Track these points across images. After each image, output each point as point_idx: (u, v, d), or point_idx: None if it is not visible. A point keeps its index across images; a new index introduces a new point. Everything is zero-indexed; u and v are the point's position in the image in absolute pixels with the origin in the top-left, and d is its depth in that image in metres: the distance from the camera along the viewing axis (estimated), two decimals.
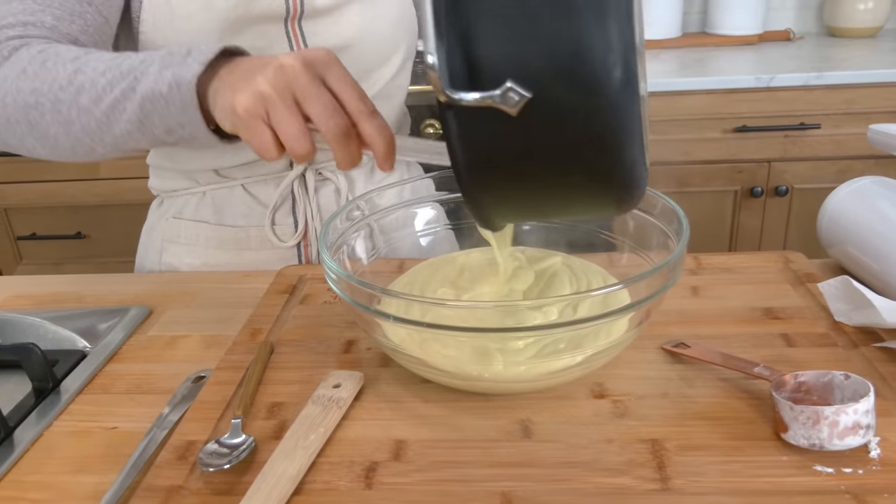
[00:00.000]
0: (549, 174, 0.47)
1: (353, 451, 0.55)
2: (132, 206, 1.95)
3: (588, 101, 0.43)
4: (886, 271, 0.69)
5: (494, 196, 0.49)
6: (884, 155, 1.78)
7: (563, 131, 0.44)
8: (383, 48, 0.89)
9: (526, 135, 0.45)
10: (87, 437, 0.62)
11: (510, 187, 0.48)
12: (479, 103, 0.43)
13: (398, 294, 0.55)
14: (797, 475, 0.51)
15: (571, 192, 0.48)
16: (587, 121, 0.43)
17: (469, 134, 0.45)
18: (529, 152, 0.46)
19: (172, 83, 0.60)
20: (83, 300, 0.86)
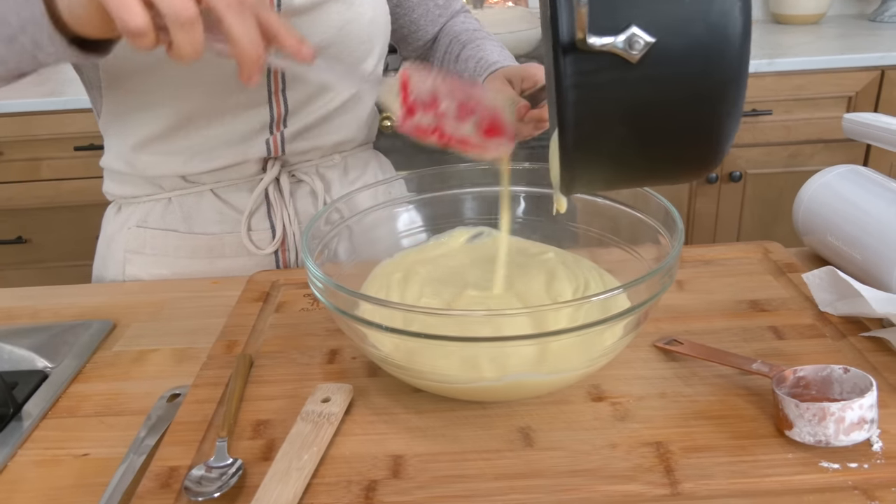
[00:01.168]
0: (657, 132, 0.46)
1: (350, 469, 0.53)
2: (76, 208, 1.87)
3: (712, 47, 0.43)
4: (869, 260, 0.69)
5: (596, 159, 0.47)
6: (831, 139, 1.82)
7: (681, 81, 0.44)
8: (360, 48, 0.86)
9: (643, 84, 0.44)
10: (55, 466, 0.58)
11: (614, 147, 0.47)
12: (604, 48, 0.42)
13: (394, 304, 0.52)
14: (804, 473, 0.50)
15: (672, 155, 0.48)
16: (707, 69, 0.43)
17: (585, 84, 0.44)
18: (643, 106, 0.45)
19: None
20: (38, 315, 0.80)
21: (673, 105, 0.45)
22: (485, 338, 0.52)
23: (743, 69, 0.44)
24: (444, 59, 0.97)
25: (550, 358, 0.55)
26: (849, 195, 0.75)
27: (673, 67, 0.43)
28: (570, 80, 0.44)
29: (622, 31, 0.42)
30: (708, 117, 0.45)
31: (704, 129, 0.46)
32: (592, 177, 0.51)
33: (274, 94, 0.83)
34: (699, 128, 0.46)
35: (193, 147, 0.84)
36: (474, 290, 0.65)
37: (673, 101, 0.44)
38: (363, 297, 0.54)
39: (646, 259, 0.66)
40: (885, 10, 2.12)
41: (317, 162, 0.91)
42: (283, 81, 0.82)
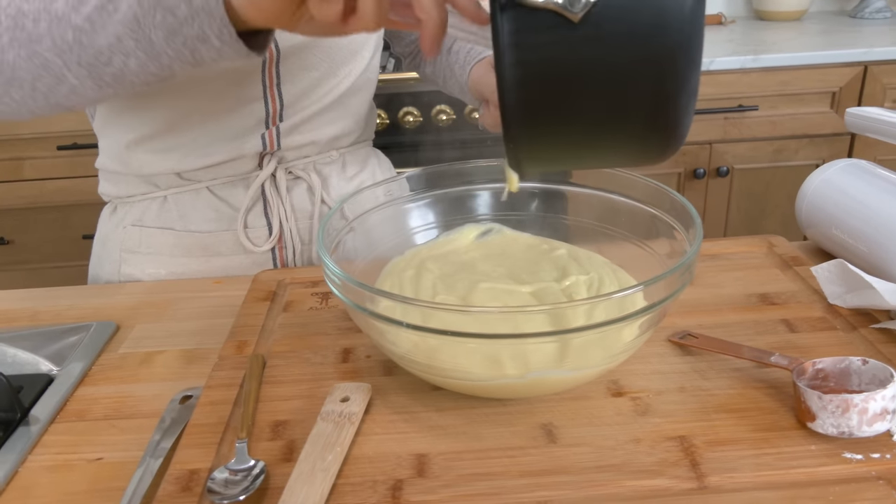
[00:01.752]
0: (602, 99, 0.42)
1: (374, 469, 0.52)
2: (60, 208, 1.84)
3: (658, 7, 0.40)
4: (875, 252, 0.70)
5: (538, 124, 0.44)
6: (816, 134, 1.85)
7: (625, 46, 0.41)
8: (353, 41, 0.85)
9: (585, 46, 0.41)
10: (68, 471, 0.57)
11: (557, 112, 0.43)
12: (544, 5, 0.40)
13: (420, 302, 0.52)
14: (828, 464, 0.51)
15: (620, 125, 0.44)
16: (655, 35, 0.40)
17: (524, 44, 0.41)
18: (586, 69, 0.41)
19: None
20: (38, 317, 0.79)
21: (618, 71, 0.41)
22: (508, 335, 0.52)
23: (694, 34, 0.40)
24: None
25: (572, 354, 0.54)
26: (853, 189, 0.75)
27: (617, 27, 0.40)
28: (508, 38, 0.41)
29: None
30: (657, 87, 0.42)
31: (653, 100, 0.42)
32: (538, 150, 0.47)
33: (269, 89, 0.82)
34: (648, 99, 0.42)
35: (189, 143, 0.83)
36: (488, 284, 0.65)
37: (618, 67, 0.41)
38: (386, 295, 0.53)
39: (658, 254, 0.66)
40: (865, 6, 2.15)
41: (314, 158, 0.90)
42: (277, 76, 0.81)
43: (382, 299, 0.54)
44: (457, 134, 1.78)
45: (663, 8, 0.40)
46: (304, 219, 0.90)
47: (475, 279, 0.65)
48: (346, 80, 0.86)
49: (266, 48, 0.57)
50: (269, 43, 0.57)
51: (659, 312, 0.54)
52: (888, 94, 1.82)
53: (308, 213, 0.89)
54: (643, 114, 0.43)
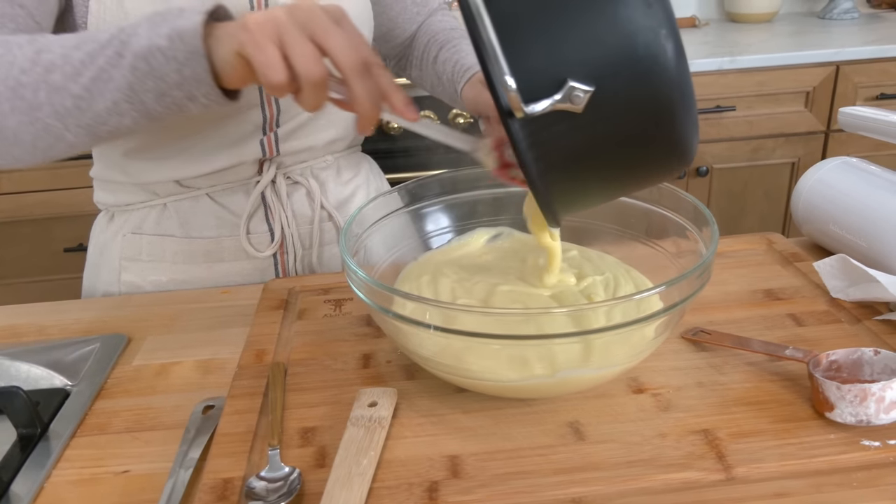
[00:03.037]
0: (617, 158, 0.48)
1: (408, 472, 0.53)
2: (38, 222, 1.81)
3: (650, 78, 0.44)
4: (874, 247, 0.72)
5: (566, 192, 0.50)
6: (791, 133, 1.89)
7: (628, 113, 0.46)
8: None
9: (593, 127, 0.46)
10: (95, 484, 0.56)
11: (581, 180, 0.49)
12: (548, 109, 0.44)
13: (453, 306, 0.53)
14: (849, 451, 0.52)
15: (637, 168, 0.50)
16: (651, 97, 0.45)
17: (540, 142, 0.46)
18: (598, 142, 0.47)
19: (173, 35, 0.56)
20: (45, 332, 0.78)
21: (629, 135, 0.47)
22: (538, 335, 0.53)
23: (685, 86, 0.45)
24: (422, 59, 0.98)
25: (596, 354, 0.56)
26: (848, 186, 0.78)
27: (619, 104, 0.45)
28: (524, 143, 0.46)
29: (560, 89, 0.44)
30: (665, 136, 0.47)
31: (664, 146, 0.48)
32: (572, 208, 0.54)
33: (266, 95, 0.82)
34: (659, 146, 0.48)
35: (188, 151, 0.83)
36: (507, 287, 0.66)
37: (628, 132, 0.47)
38: (415, 298, 0.54)
39: (668, 253, 0.68)
40: (833, 7, 2.21)
41: (311, 163, 0.90)
42: None
43: (408, 302, 0.55)
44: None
45: (654, 76, 0.44)
46: (305, 224, 0.90)
47: (493, 282, 0.66)
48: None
49: (240, 96, 0.63)
50: (242, 92, 0.64)
51: (679, 311, 0.56)
52: (860, 93, 1.87)
53: (308, 218, 0.90)
54: (658, 158, 0.50)
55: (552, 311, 0.56)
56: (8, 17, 0.66)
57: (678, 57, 0.44)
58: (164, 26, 0.57)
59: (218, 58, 0.57)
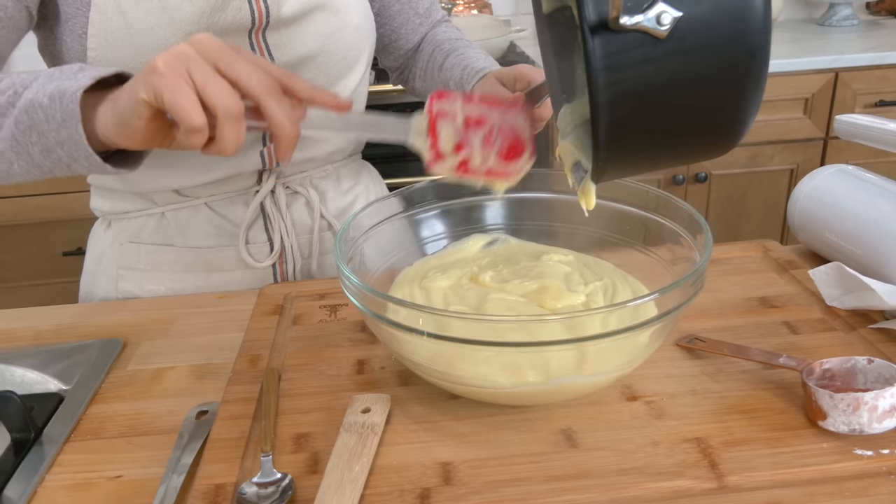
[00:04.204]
0: (690, 106, 0.46)
1: (401, 478, 0.53)
2: (38, 226, 1.81)
3: (736, 14, 0.43)
4: (870, 255, 0.72)
5: (630, 140, 0.47)
6: (790, 140, 1.89)
7: (710, 54, 0.43)
8: (348, 56, 0.86)
9: (671, 59, 0.43)
10: (89, 489, 0.56)
11: (649, 126, 0.46)
12: (635, 27, 0.42)
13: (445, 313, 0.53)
14: (841, 461, 0.52)
15: (705, 127, 0.47)
16: (736, 40, 0.43)
17: (616, 65, 0.43)
18: (674, 81, 0.44)
19: (55, 94, 0.56)
20: (40, 336, 0.78)
21: (705, 78, 0.44)
22: (531, 342, 0.53)
23: (767, 33, 0.44)
24: (427, 68, 0.98)
25: (590, 361, 0.56)
26: (844, 194, 0.78)
27: (700, 38, 0.43)
28: (601, 62, 0.43)
29: (650, 8, 0.42)
30: (735, 87, 0.45)
31: (732, 100, 0.46)
32: (625, 161, 0.50)
33: None
34: (727, 100, 0.46)
35: (187, 161, 0.83)
36: (499, 295, 0.66)
37: (704, 74, 0.44)
38: (408, 305, 0.54)
39: (664, 260, 0.68)
40: (833, 14, 2.21)
41: (310, 173, 0.90)
42: None
43: (402, 309, 0.55)
44: None
45: (741, 15, 0.43)
46: (304, 233, 0.90)
47: (486, 290, 0.66)
48: (342, 94, 0.86)
49: (141, 162, 0.63)
50: (144, 157, 0.63)
51: (673, 318, 0.56)
52: (858, 100, 1.87)
53: (307, 227, 0.90)
54: (727, 114, 0.46)
55: (545, 318, 0.56)
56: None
57: (766, 8, 0.43)
58: (53, 84, 0.57)
59: (107, 119, 0.56)
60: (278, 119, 0.54)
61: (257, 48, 0.78)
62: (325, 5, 0.80)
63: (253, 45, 0.77)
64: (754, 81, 0.45)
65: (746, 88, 0.45)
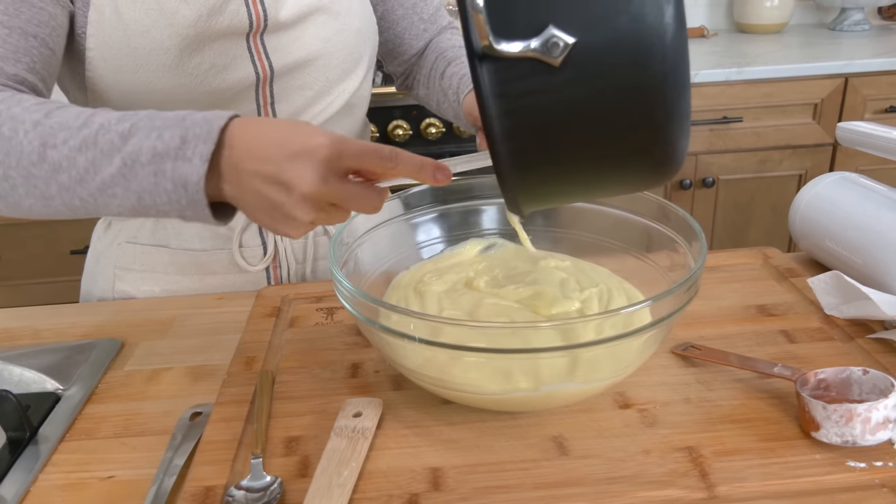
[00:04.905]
0: (593, 136, 0.42)
1: (389, 483, 0.53)
2: (46, 224, 1.82)
3: (639, 42, 0.39)
4: (869, 264, 0.72)
5: (531, 169, 0.44)
6: (799, 145, 1.88)
7: (610, 83, 0.40)
8: (348, 60, 0.85)
9: (570, 88, 0.40)
10: (81, 489, 0.57)
11: (549, 156, 0.43)
12: (522, 54, 0.40)
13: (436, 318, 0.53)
14: (834, 472, 0.52)
15: (615, 158, 0.44)
16: (637, 69, 0.40)
17: (509, 94, 0.41)
18: (573, 111, 0.41)
19: (178, 182, 0.53)
20: (40, 335, 0.79)
21: (606, 108, 0.41)
22: (522, 349, 0.53)
23: (679, 61, 0.40)
24: (430, 75, 0.98)
25: (582, 368, 0.55)
26: (845, 202, 0.77)
27: (600, 67, 0.40)
28: (490, 89, 0.40)
29: (538, 34, 0.39)
30: (647, 117, 0.41)
31: (646, 130, 0.42)
32: (535, 193, 0.47)
33: (263, 108, 0.82)
34: (640, 130, 0.42)
35: None
36: (493, 300, 0.66)
37: (605, 104, 0.41)
38: (399, 310, 0.54)
39: (660, 266, 0.67)
40: (844, 19, 2.19)
41: None
42: (272, 95, 0.82)
43: (393, 314, 0.55)
44: (446, 147, 1.80)
45: (643, 42, 0.39)
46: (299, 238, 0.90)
47: (480, 295, 0.66)
48: (340, 99, 0.86)
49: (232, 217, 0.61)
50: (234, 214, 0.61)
51: (667, 325, 0.56)
52: (868, 106, 1.86)
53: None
54: (637, 145, 0.43)
55: (538, 324, 0.56)
56: (22, 51, 0.65)
57: (677, 26, 0.39)
58: (168, 164, 0.53)
59: (231, 197, 0.55)
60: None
61: (255, 52, 0.78)
62: (325, 8, 0.80)
63: (251, 48, 0.77)
64: (668, 111, 0.41)
65: (658, 119, 0.42)
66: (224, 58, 0.76)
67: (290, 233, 0.54)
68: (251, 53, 0.78)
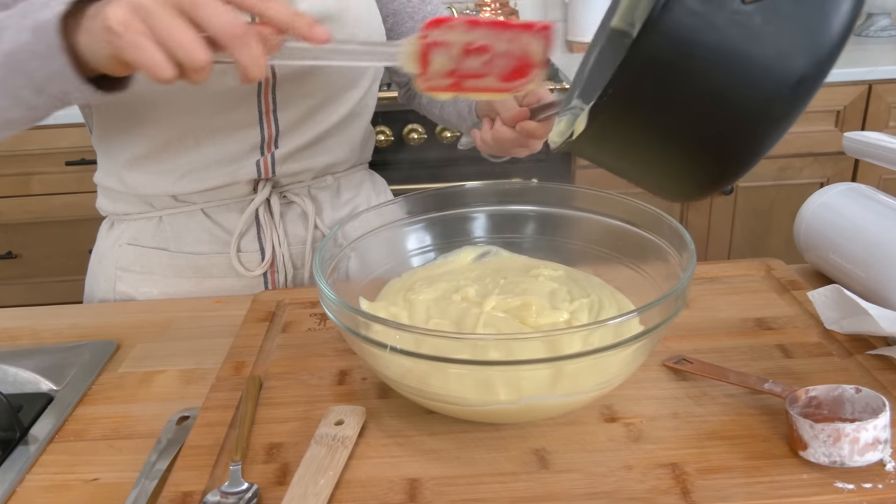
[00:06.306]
0: (720, 92, 0.43)
1: (366, 493, 0.53)
2: (66, 223, 1.85)
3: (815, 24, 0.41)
4: (872, 278, 0.70)
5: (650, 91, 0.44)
6: (820, 153, 1.84)
7: (774, 43, 0.42)
8: (353, 70, 0.86)
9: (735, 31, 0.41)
10: (65, 491, 0.57)
11: (673, 90, 0.43)
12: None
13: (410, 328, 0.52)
14: (820, 493, 0.51)
15: (714, 128, 0.45)
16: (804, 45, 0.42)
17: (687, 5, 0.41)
18: (725, 54, 0.42)
19: (35, 28, 0.54)
20: (39, 336, 0.80)
21: (749, 69, 0.42)
22: (499, 361, 0.52)
23: (821, 74, 0.43)
24: None
25: (566, 380, 0.55)
26: (850, 213, 0.75)
27: (776, 26, 0.41)
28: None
29: None
30: (768, 103, 0.43)
31: (754, 116, 0.44)
32: (618, 124, 0.46)
33: (265, 115, 0.82)
34: (751, 114, 0.44)
35: (184, 167, 0.84)
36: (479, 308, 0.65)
37: (753, 64, 0.42)
38: (379, 321, 0.53)
39: (653, 277, 0.66)
40: (871, 24, 2.15)
41: (309, 183, 0.90)
42: (274, 102, 0.82)
43: (373, 323, 0.55)
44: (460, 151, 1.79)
45: (818, 26, 0.41)
46: (297, 244, 0.90)
47: (468, 304, 0.66)
48: (344, 108, 0.87)
49: (129, 85, 0.59)
50: (131, 80, 0.59)
51: (652, 338, 0.55)
52: (893, 114, 1.82)
53: (301, 238, 0.90)
54: (734, 130, 0.45)
55: (519, 336, 0.55)
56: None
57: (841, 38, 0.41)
58: (29, 19, 0.54)
59: (93, 43, 0.53)
60: (243, 64, 0.50)
61: None
62: (333, 18, 0.81)
63: None
64: (787, 106, 0.44)
65: (774, 113, 0.44)
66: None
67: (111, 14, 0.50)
68: None
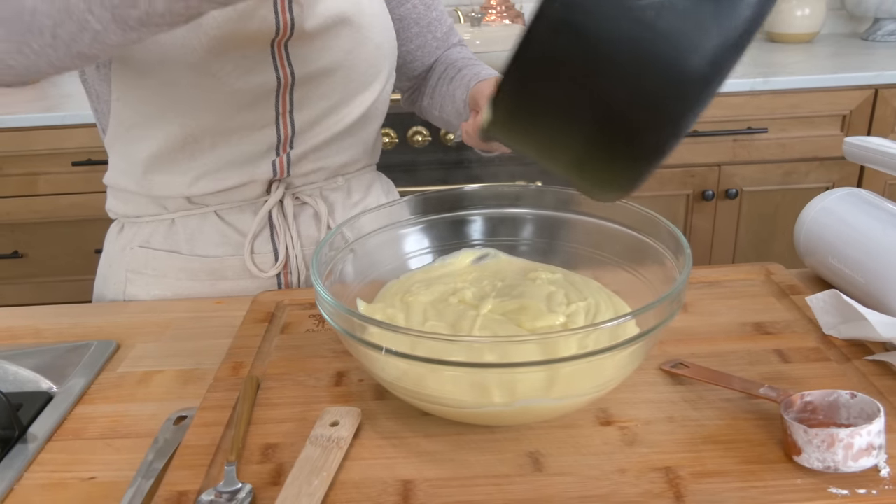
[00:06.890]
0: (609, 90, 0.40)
1: (359, 494, 0.53)
2: (73, 223, 1.86)
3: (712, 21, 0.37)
4: (871, 283, 0.70)
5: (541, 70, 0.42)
6: (826, 157, 1.84)
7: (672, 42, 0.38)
8: (368, 72, 0.86)
9: (632, 24, 0.38)
10: (62, 489, 0.58)
11: (556, 88, 0.42)
12: None
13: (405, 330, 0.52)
14: (814, 499, 0.50)
15: (605, 133, 0.41)
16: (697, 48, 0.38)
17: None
18: (619, 44, 0.39)
19: None
20: (40, 335, 0.80)
21: (648, 62, 0.38)
22: (494, 364, 0.52)
23: (704, 97, 0.39)
24: (437, 84, 0.98)
25: (560, 383, 0.55)
26: (850, 218, 0.75)
27: (674, 22, 0.37)
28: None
29: None
30: (665, 101, 0.39)
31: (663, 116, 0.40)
32: (520, 119, 0.45)
33: (282, 116, 0.83)
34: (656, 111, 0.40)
35: (200, 167, 0.84)
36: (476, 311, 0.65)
37: (652, 57, 0.38)
38: (375, 323, 0.54)
39: (651, 281, 0.66)
40: (878, 28, 2.14)
41: (321, 184, 0.91)
42: (291, 103, 0.83)
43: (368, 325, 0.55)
44: (465, 153, 1.80)
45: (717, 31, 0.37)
46: (310, 245, 0.90)
47: (465, 307, 0.66)
48: (358, 109, 0.87)
49: None
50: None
51: (647, 342, 0.55)
52: None
53: (314, 239, 0.90)
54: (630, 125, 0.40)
55: (515, 338, 0.55)
56: None
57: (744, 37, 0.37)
58: None
59: None
60: None
61: (278, 58, 0.79)
62: (349, 21, 0.81)
63: (274, 54, 0.78)
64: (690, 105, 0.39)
65: (680, 109, 0.39)
66: (248, 61, 0.77)
67: None
68: (274, 59, 0.79)
